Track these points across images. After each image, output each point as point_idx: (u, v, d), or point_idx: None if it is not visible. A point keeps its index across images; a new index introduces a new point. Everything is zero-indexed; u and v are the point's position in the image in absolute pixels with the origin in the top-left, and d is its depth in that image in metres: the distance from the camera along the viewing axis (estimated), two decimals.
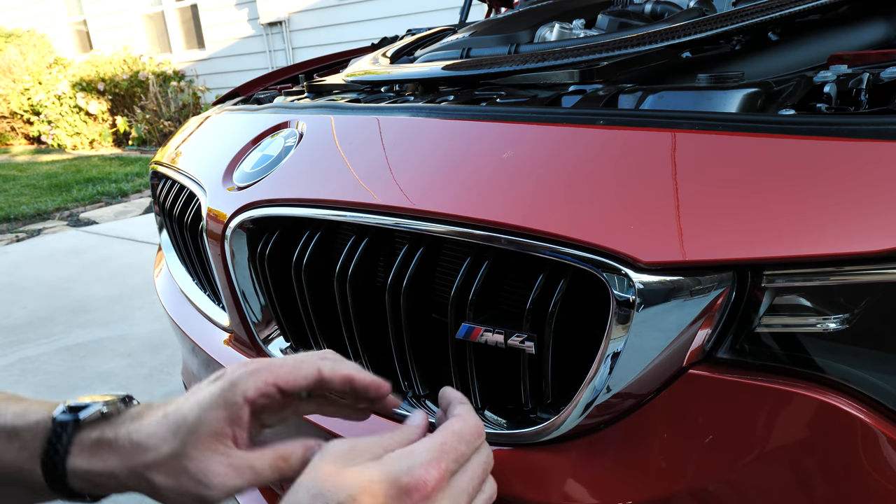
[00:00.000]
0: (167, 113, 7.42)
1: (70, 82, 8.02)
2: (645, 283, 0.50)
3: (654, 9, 1.12)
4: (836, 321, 0.48)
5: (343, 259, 0.70)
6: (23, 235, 4.28)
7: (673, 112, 0.61)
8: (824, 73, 0.68)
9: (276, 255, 0.80)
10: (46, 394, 2.12)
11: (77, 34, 9.76)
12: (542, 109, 0.71)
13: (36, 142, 9.04)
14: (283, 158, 0.85)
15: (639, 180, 0.55)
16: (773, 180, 0.50)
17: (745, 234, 0.48)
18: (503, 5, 2.00)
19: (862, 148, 0.49)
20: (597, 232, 0.52)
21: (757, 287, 0.50)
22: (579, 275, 0.54)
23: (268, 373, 0.51)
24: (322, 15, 6.63)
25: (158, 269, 1.40)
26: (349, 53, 1.77)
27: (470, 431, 0.49)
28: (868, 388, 0.48)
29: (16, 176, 6.35)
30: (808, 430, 0.49)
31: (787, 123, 0.54)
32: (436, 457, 0.45)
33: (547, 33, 1.03)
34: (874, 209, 0.46)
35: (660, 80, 0.83)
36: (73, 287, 3.13)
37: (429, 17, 5.54)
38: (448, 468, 0.45)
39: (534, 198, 0.58)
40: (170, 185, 1.16)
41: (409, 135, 0.77)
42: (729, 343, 0.52)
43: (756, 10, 0.79)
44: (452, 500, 0.45)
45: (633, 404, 0.54)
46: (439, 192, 0.66)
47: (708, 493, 0.52)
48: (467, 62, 0.95)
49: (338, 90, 1.17)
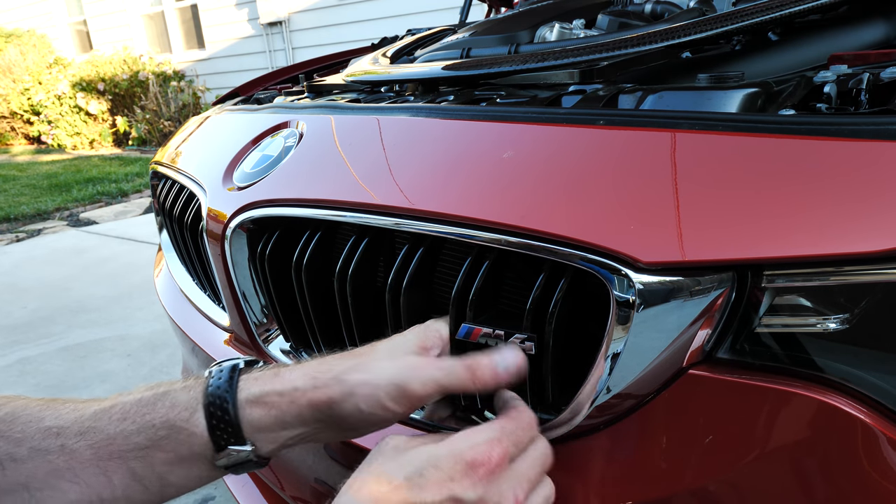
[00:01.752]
0: (167, 113, 7.42)
1: (70, 82, 8.02)
2: (645, 284, 0.50)
3: (654, 9, 1.12)
4: (836, 321, 0.48)
5: (343, 259, 0.70)
6: (23, 235, 4.28)
7: (673, 112, 0.61)
8: (824, 73, 0.68)
9: (276, 255, 0.80)
10: (46, 394, 2.12)
11: (77, 34, 9.76)
12: (542, 109, 0.71)
13: (36, 142, 9.04)
14: (283, 158, 0.85)
15: (638, 180, 0.55)
16: (773, 180, 0.50)
17: (744, 234, 0.48)
18: (503, 5, 2.00)
19: (862, 148, 0.49)
20: (596, 232, 0.52)
21: (757, 287, 0.50)
22: (579, 275, 0.54)
23: None
24: (322, 15, 6.63)
25: (158, 269, 1.40)
26: (349, 53, 1.77)
27: (526, 420, 0.50)
28: (868, 388, 0.48)
29: (16, 176, 6.35)
30: (808, 430, 0.49)
31: (787, 123, 0.54)
32: (497, 437, 0.47)
33: (547, 33, 1.03)
34: (874, 209, 0.46)
35: (660, 80, 0.83)
36: (73, 287, 3.13)
37: (429, 17, 5.54)
38: (508, 449, 0.47)
39: (533, 198, 0.58)
40: (170, 185, 1.16)
41: (409, 135, 0.77)
42: (729, 343, 0.52)
43: (756, 10, 0.79)
44: (514, 483, 0.46)
45: (633, 405, 0.54)
46: (439, 193, 0.66)
47: (708, 494, 0.52)
48: (467, 62, 0.95)
49: (338, 90, 1.17)
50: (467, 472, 0.44)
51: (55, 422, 0.49)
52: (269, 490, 1.02)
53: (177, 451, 0.49)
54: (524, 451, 0.49)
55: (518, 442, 0.48)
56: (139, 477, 0.49)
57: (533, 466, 0.49)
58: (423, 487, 0.43)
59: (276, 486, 0.96)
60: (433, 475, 0.44)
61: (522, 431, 0.49)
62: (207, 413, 0.50)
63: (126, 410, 0.50)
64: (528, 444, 0.50)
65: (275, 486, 0.98)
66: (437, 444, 0.46)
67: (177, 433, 0.49)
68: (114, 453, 0.48)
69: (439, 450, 0.45)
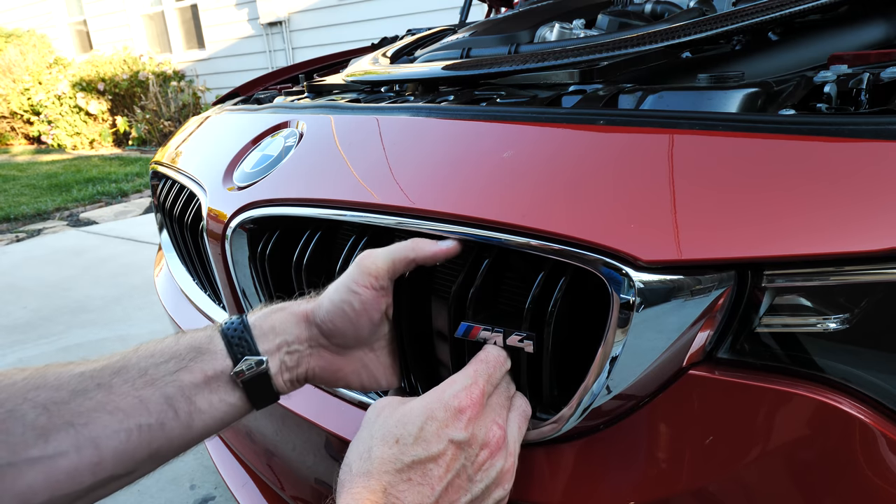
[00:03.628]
0: (167, 113, 7.42)
1: (70, 82, 8.02)
2: (645, 282, 0.50)
3: (654, 9, 1.12)
4: (837, 321, 0.48)
5: (343, 258, 0.70)
6: (23, 235, 4.28)
7: (673, 112, 0.61)
8: (824, 73, 0.68)
9: (276, 254, 0.80)
10: None
11: (77, 34, 9.76)
12: (542, 109, 0.71)
13: (36, 142, 9.04)
14: (283, 158, 0.85)
15: (638, 180, 0.55)
16: (773, 180, 0.50)
17: (745, 233, 0.48)
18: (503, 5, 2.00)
19: (862, 148, 0.49)
20: (597, 231, 0.52)
21: (757, 287, 0.50)
22: (580, 274, 0.54)
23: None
24: (322, 15, 6.63)
25: (158, 268, 1.40)
26: (349, 53, 1.77)
27: (493, 358, 0.56)
28: (868, 388, 0.48)
29: (16, 176, 6.35)
30: (809, 430, 0.49)
31: (787, 123, 0.54)
32: (472, 381, 0.53)
33: (547, 33, 1.04)
34: (874, 208, 0.46)
35: (660, 80, 0.83)
36: (73, 287, 3.13)
37: (429, 17, 5.54)
38: (484, 388, 0.53)
39: (534, 197, 0.58)
40: (170, 185, 1.16)
41: (409, 134, 0.77)
42: (729, 343, 0.52)
43: (756, 10, 0.79)
44: (494, 414, 0.53)
45: (632, 405, 0.54)
46: (439, 192, 0.66)
47: (708, 494, 0.52)
48: (467, 62, 0.95)
49: (338, 90, 1.17)
50: (457, 416, 0.50)
51: (87, 367, 0.54)
52: (269, 490, 1.02)
53: (203, 370, 0.56)
54: (498, 385, 0.56)
55: (491, 380, 0.55)
56: (171, 400, 0.54)
57: (503, 395, 0.56)
58: (428, 441, 0.49)
59: (276, 485, 0.96)
60: (432, 427, 0.50)
61: (494, 369, 0.55)
62: (224, 335, 0.58)
63: (151, 350, 0.57)
64: (500, 379, 0.56)
65: (275, 486, 0.98)
66: (423, 398, 0.52)
67: (201, 354, 0.57)
68: (147, 382, 0.54)
69: (431, 402, 0.51)
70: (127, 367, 0.55)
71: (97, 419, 0.52)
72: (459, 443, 0.50)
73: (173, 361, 0.56)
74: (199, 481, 1.65)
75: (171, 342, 0.58)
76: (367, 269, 0.59)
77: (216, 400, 0.56)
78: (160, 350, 0.57)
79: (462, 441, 0.50)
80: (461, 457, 0.50)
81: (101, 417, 0.52)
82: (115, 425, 0.52)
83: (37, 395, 0.51)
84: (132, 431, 0.53)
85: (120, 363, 0.55)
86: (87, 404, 0.52)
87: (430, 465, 0.48)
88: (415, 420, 0.50)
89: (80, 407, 0.52)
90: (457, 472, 0.49)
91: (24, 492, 0.49)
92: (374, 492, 0.46)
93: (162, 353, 0.56)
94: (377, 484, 0.47)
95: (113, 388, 0.53)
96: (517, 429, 0.55)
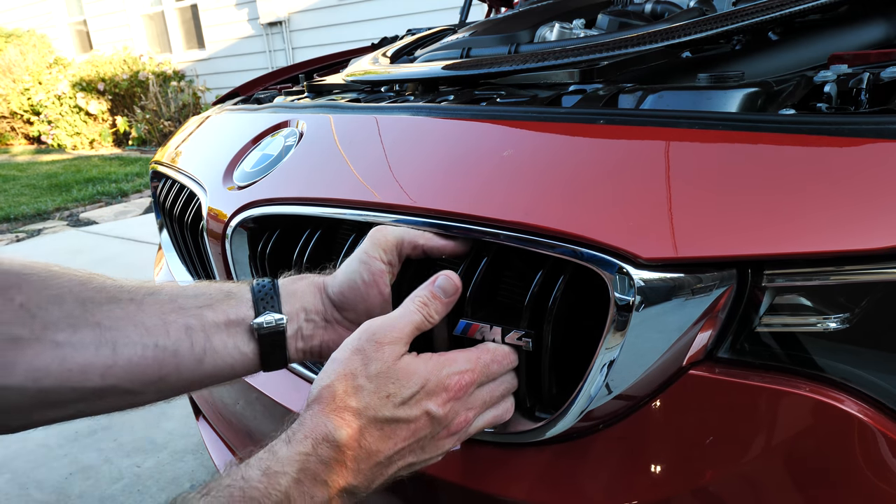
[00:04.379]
0: (167, 113, 7.42)
1: (70, 82, 8.02)
2: (645, 281, 0.49)
3: (654, 8, 1.12)
4: (837, 321, 0.48)
5: (343, 256, 0.70)
6: (23, 235, 4.28)
7: (673, 111, 0.61)
8: (824, 72, 0.68)
9: (276, 253, 0.81)
10: None
11: (77, 34, 9.77)
12: (543, 109, 0.71)
13: (36, 142, 9.04)
14: (283, 158, 0.85)
15: (638, 179, 0.55)
16: (773, 179, 0.50)
17: (745, 231, 0.48)
18: (503, 5, 2.00)
19: (862, 147, 0.49)
20: (597, 228, 0.52)
21: (757, 286, 0.50)
22: (579, 271, 0.54)
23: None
24: (322, 15, 6.63)
25: (158, 268, 1.40)
26: (349, 53, 1.77)
27: (500, 351, 0.57)
28: (868, 387, 0.48)
29: (16, 176, 6.35)
30: (809, 430, 0.49)
31: (787, 123, 0.54)
32: (471, 367, 0.55)
33: (547, 33, 1.04)
34: (874, 207, 0.46)
35: (660, 80, 0.83)
36: None
37: (429, 17, 5.54)
38: (477, 378, 0.55)
39: (534, 195, 0.58)
40: (170, 184, 1.16)
41: (409, 134, 0.77)
42: (729, 343, 0.52)
43: (756, 10, 0.79)
44: (469, 405, 0.55)
45: (632, 405, 0.54)
46: (440, 190, 0.66)
47: (708, 494, 0.52)
48: (467, 62, 0.95)
49: (338, 90, 1.17)
50: (441, 392, 0.53)
51: (126, 284, 0.60)
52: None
53: (226, 312, 0.60)
54: (494, 379, 0.57)
55: (489, 373, 0.56)
56: (190, 331, 0.58)
57: (492, 391, 0.57)
58: (411, 406, 0.52)
59: None
60: (419, 395, 0.53)
61: (494, 362, 0.56)
62: (253, 290, 0.62)
63: (185, 286, 0.61)
64: (499, 374, 0.57)
65: None
66: (425, 364, 0.54)
67: (228, 298, 0.61)
68: (174, 309, 0.59)
69: (428, 374, 0.53)
70: (160, 292, 0.60)
71: (122, 327, 0.56)
72: (433, 417, 0.53)
73: (203, 297, 0.60)
74: (199, 481, 1.65)
75: (204, 284, 0.63)
76: (377, 241, 0.62)
77: (231, 344, 0.60)
78: (193, 286, 0.62)
79: (436, 416, 0.53)
80: (428, 428, 0.53)
81: (125, 327, 0.56)
82: (136, 337, 0.56)
83: (81, 291, 0.56)
84: (148, 348, 0.57)
85: (155, 287, 0.60)
86: (117, 312, 0.57)
87: (402, 425, 0.52)
88: (411, 385, 0.52)
89: (111, 313, 0.57)
90: (417, 440, 0.53)
91: (39, 369, 0.52)
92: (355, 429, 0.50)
93: (195, 288, 0.61)
94: (358, 423, 0.51)
95: (143, 306, 0.58)
96: (482, 425, 0.57)
